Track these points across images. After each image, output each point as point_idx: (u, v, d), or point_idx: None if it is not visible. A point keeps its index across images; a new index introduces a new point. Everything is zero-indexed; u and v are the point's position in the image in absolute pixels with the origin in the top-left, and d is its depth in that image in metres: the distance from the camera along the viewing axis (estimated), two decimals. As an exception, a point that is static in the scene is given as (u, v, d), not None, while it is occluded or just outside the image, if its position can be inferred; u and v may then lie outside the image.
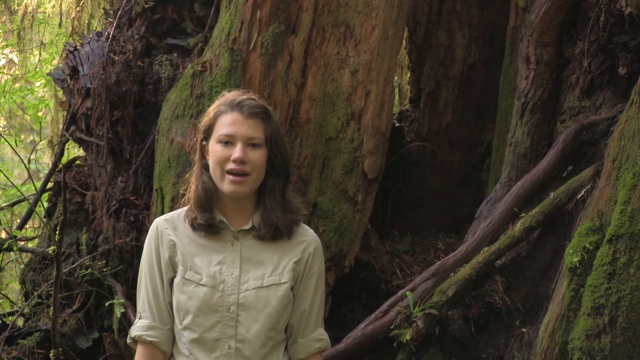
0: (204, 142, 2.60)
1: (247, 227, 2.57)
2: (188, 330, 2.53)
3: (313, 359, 2.64)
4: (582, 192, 3.48)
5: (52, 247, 3.87)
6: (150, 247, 2.59)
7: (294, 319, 2.60)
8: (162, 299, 2.57)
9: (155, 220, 2.63)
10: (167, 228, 2.58)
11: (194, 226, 2.57)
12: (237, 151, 2.50)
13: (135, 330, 2.57)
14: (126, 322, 4.03)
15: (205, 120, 2.60)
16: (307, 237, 2.62)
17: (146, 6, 4.56)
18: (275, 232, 2.56)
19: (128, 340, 2.61)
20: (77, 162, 4.79)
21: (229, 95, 2.60)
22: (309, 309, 2.60)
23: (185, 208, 2.62)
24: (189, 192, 2.61)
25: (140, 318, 2.59)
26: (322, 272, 2.65)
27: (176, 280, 2.55)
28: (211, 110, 2.60)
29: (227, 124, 2.53)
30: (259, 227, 2.57)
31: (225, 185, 2.51)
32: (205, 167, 2.59)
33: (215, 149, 2.53)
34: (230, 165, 2.50)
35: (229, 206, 2.58)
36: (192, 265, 2.54)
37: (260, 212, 2.57)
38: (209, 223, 2.55)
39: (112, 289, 4.21)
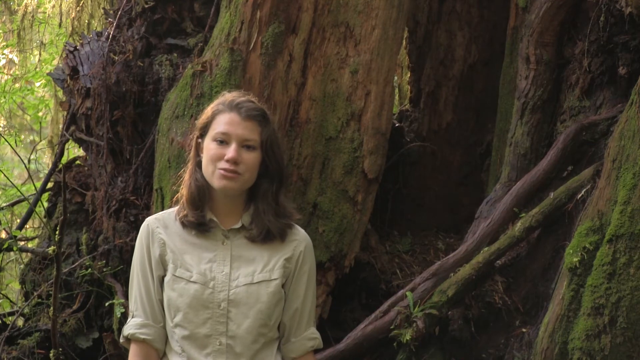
0: (200, 140, 2.62)
1: (237, 226, 2.59)
2: (179, 328, 2.54)
3: (306, 358, 2.65)
4: (582, 192, 3.48)
5: (52, 247, 3.87)
6: (141, 245, 2.60)
7: (286, 318, 2.61)
8: (154, 297, 2.58)
9: (146, 219, 2.66)
10: (158, 227, 2.60)
11: (185, 223, 2.58)
12: (231, 151, 2.51)
13: (129, 328, 2.59)
14: (126, 322, 4.02)
15: (202, 117, 2.62)
16: (298, 235, 2.64)
17: (146, 6, 4.55)
18: (267, 234, 2.57)
19: (121, 339, 2.63)
20: (77, 162, 4.79)
21: (229, 96, 2.62)
22: (301, 307, 2.62)
23: (176, 207, 2.64)
24: (182, 189, 2.63)
25: (133, 316, 2.61)
26: (313, 270, 2.67)
27: (167, 278, 2.56)
28: (209, 108, 2.62)
29: (223, 123, 2.55)
30: (249, 226, 2.58)
31: (216, 179, 2.53)
32: (199, 164, 2.61)
33: (209, 147, 2.55)
34: (223, 165, 2.51)
35: (220, 205, 2.59)
36: (182, 263, 2.55)
37: (251, 214, 2.59)
38: (199, 221, 2.57)
39: (112, 289, 4.21)
